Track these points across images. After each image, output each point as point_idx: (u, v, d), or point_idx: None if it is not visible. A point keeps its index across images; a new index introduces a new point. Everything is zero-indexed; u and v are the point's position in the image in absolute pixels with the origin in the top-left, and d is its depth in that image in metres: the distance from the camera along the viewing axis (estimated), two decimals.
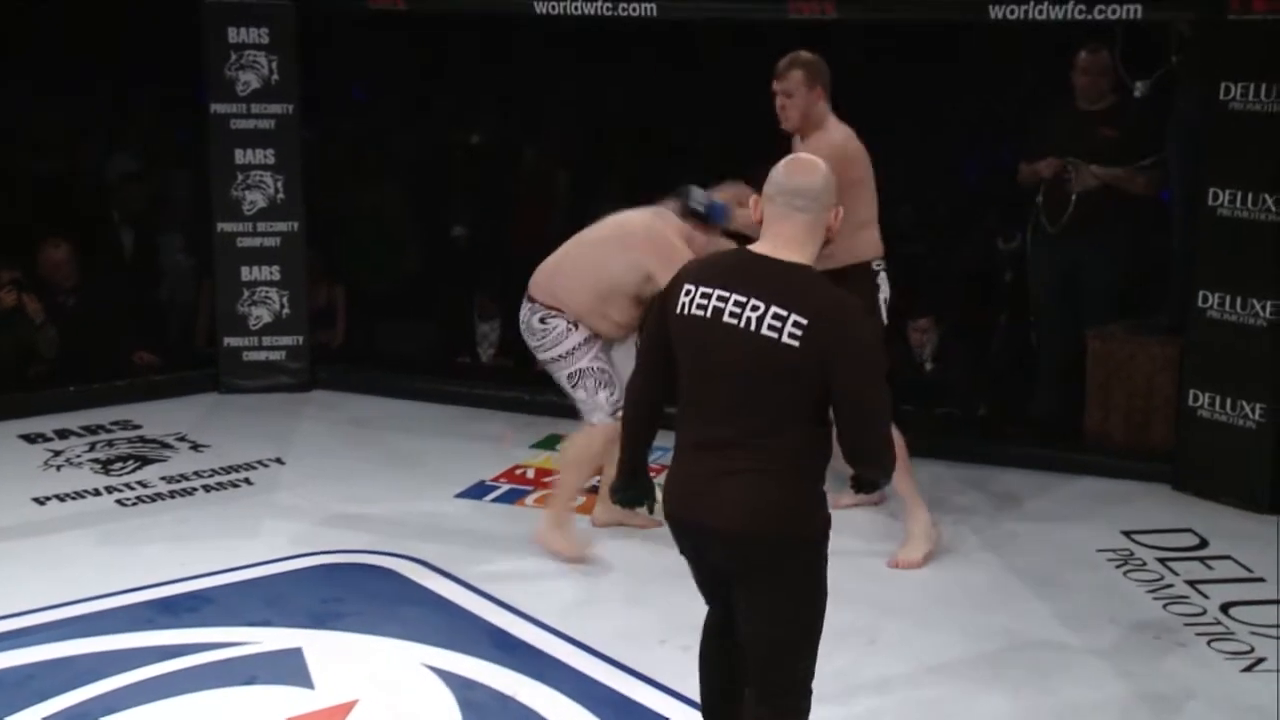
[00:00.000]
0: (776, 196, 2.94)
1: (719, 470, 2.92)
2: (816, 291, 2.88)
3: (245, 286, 6.87)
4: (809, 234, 2.93)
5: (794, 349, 2.81)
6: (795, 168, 2.97)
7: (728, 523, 2.90)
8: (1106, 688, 3.94)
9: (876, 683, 3.96)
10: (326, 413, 6.63)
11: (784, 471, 2.89)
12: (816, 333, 2.81)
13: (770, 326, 2.83)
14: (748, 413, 2.88)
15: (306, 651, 4.02)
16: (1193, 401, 5.57)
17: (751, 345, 2.84)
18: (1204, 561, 4.91)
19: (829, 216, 2.95)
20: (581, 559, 4.75)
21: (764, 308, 2.84)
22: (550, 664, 3.99)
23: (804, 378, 2.84)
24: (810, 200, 2.92)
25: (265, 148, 6.76)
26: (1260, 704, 3.85)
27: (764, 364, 2.84)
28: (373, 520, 5.13)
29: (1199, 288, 5.50)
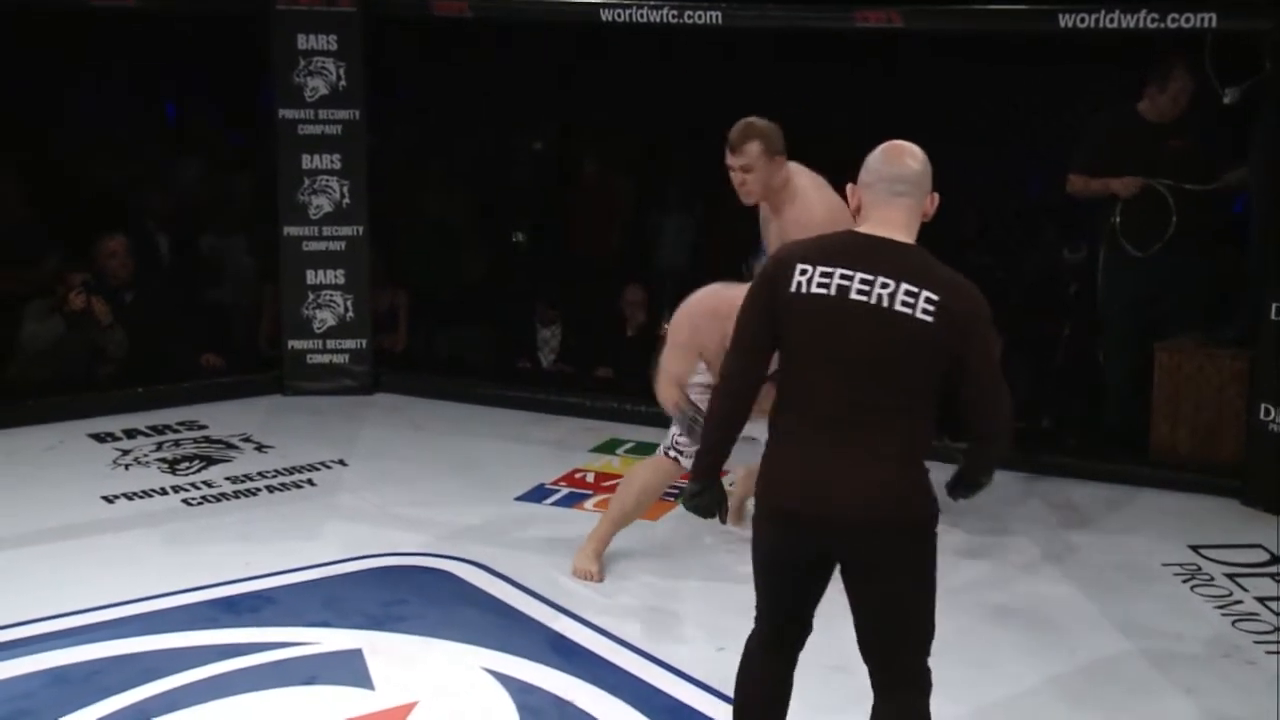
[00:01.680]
0: (876, 183, 2.92)
1: (835, 457, 2.86)
2: (939, 270, 2.86)
3: (310, 290, 6.93)
4: (910, 217, 2.92)
5: (928, 325, 2.79)
6: (893, 154, 2.95)
7: (851, 511, 2.85)
8: (1172, 704, 3.86)
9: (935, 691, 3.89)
10: (388, 416, 6.67)
11: (901, 457, 2.85)
12: (949, 309, 2.79)
13: (903, 303, 2.80)
14: (866, 395, 2.84)
15: (366, 653, 4.03)
16: (1263, 415, 5.46)
17: (885, 322, 2.80)
18: (1275, 578, 4.80)
19: (926, 201, 2.94)
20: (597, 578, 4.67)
21: (894, 284, 2.81)
22: (608, 669, 3.98)
23: (933, 356, 2.82)
24: (911, 185, 2.91)
25: (332, 153, 6.83)
26: None
27: (896, 341, 2.81)
28: (433, 523, 5.14)
29: (1270, 299, 5.39)
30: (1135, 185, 5.83)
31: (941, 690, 3.87)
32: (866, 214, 2.94)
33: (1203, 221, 5.83)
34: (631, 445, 6.21)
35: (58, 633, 4.13)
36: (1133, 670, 4.08)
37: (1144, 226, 5.85)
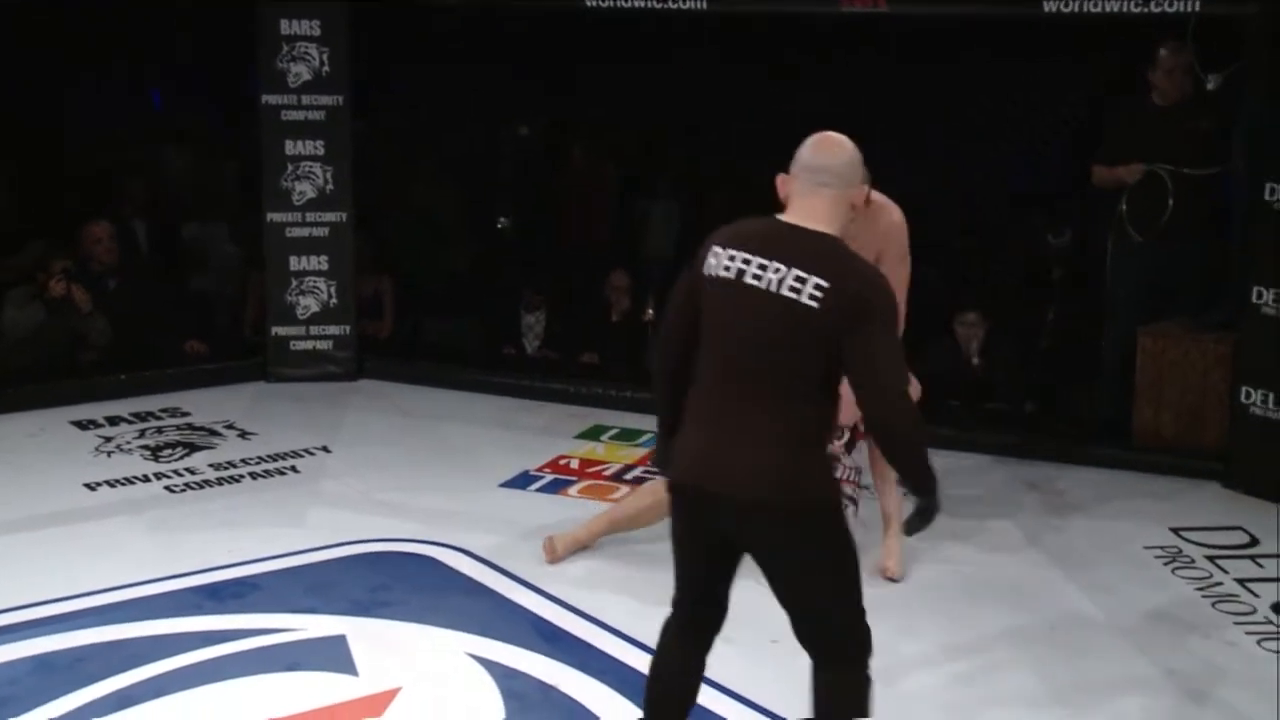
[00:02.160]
0: (801, 174, 2.99)
1: (727, 437, 2.93)
2: (839, 258, 2.91)
3: (294, 276, 6.92)
4: (833, 208, 2.97)
5: (812, 309, 2.85)
6: (820, 145, 3.01)
7: (739, 492, 2.90)
8: (1153, 685, 3.89)
9: (914, 670, 3.92)
10: (373, 402, 6.67)
11: (792, 439, 2.90)
12: (836, 295, 2.84)
13: (791, 288, 2.87)
14: (758, 378, 2.91)
15: (350, 639, 4.03)
16: (1245, 398, 5.49)
17: (772, 306, 2.88)
18: (1254, 560, 4.83)
19: (853, 194, 2.99)
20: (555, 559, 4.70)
21: (785, 270, 2.88)
22: (593, 654, 3.99)
23: (820, 341, 2.86)
24: (834, 176, 2.96)
25: (315, 139, 6.81)
26: None
27: (782, 325, 2.87)
28: (417, 509, 5.15)
29: (1253, 283, 5.41)
30: (1137, 171, 5.84)
31: (919, 667, 3.92)
32: (790, 202, 3.00)
33: (1203, 206, 5.83)
34: (616, 431, 6.22)
35: (41, 620, 4.12)
36: (1114, 651, 4.10)
37: (1148, 212, 5.85)
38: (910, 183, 7.43)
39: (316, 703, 3.66)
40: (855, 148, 3.01)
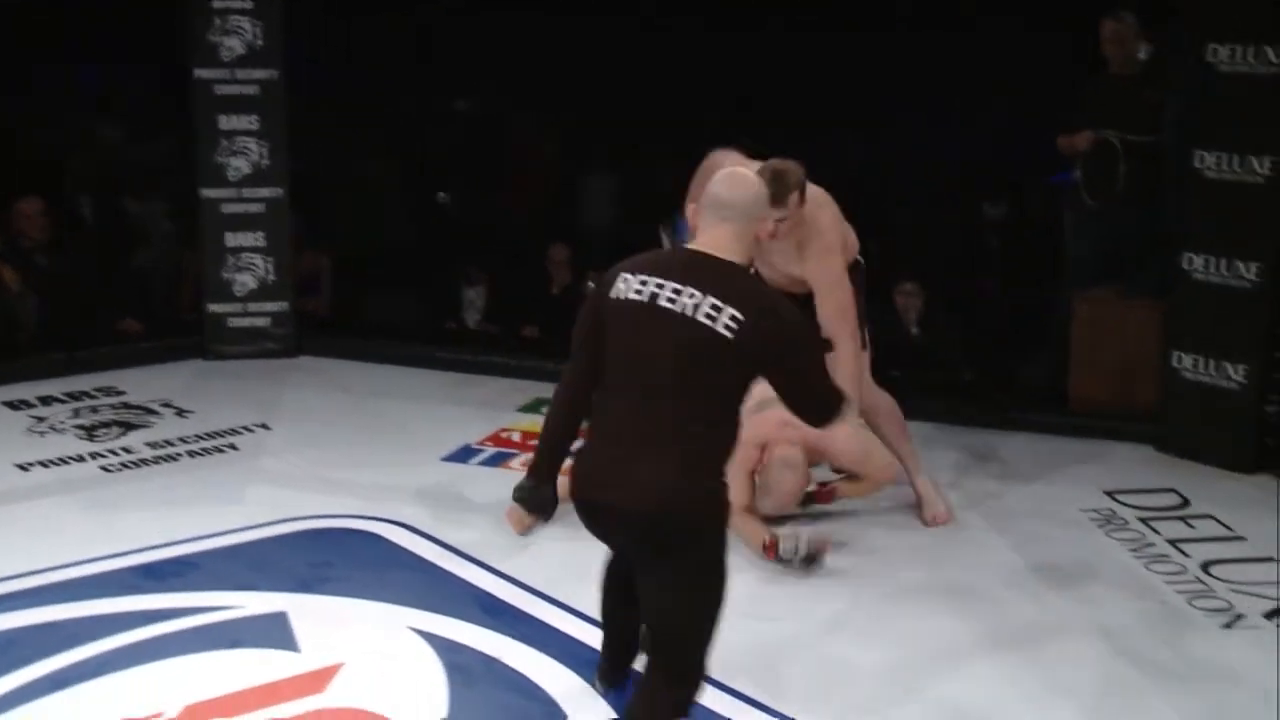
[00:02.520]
0: (707, 207, 3.11)
1: (630, 454, 3.00)
2: (751, 289, 3.05)
3: (230, 253, 6.84)
4: (736, 240, 3.07)
5: (728, 340, 2.94)
6: (726, 181, 3.12)
7: (635, 503, 2.98)
8: (1087, 645, 3.95)
9: (855, 637, 3.97)
10: (312, 379, 6.62)
11: (686, 459, 2.98)
12: (752, 328, 2.94)
13: (707, 315, 2.95)
14: (666, 398, 2.98)
15: (292, 616, 4.01)
16: (1176, 363, 5.57)
17: (685, 330, 2.95)
18: (1186, 521, 4.92)
19: (756, 226, 3.11)
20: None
21: (700, 296, 2.96)
22: (536, 627, 3.99)
23: (731, 369, 2.98)
24: (735, 212, 3.07)
25: (249, 113, 6.72)
26: (1239, 660, 3.86)
27: (694, 349, 2.95)
28: (358, 485, 5.11)
29: (1184, 249, 5.49)
30: (1088, 139, 5.90)
31: (856, 634, 3.96)
32: (698, 233, 3.14)
33: (1152, 174, 5.90)
34: None
35: None
36: (1049, 614, 4.17)
37: (1101, 179, 5.93)
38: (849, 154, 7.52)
39: (258, 680, 3.64)
40: (759, 183, 3.15)
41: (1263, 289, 5.28)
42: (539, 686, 3.65)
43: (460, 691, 3.61)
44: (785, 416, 4.08)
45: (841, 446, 4.53)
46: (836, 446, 4.53)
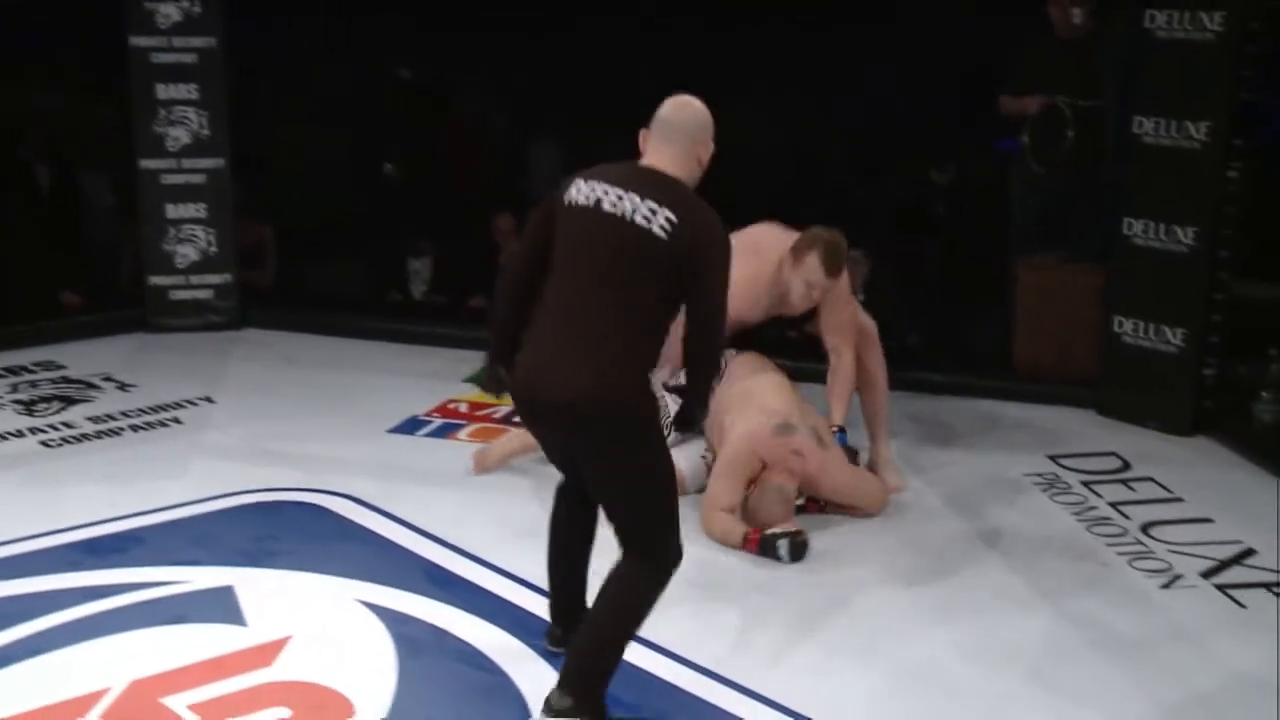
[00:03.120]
0: (655, 127, 3.34)
1: (564, 349, 3.20)
2: (688, 198, 3.25)
3: (171, 224, 6.75)
4: (677, 160, 3.30)
5: (662, 240, 3.16)
6: (674, 105, 3.36)
7: (567, 394, 3.18)
8: (1031, 607, 4.01)
9: (801, 605, 4.00)
10: (257, 351, 6.57)
11: (619, 354, 3.18)
12: (683, 230, 3.17)
13: (644, 217, 3.18)
14: (599, 297, 3.20)
15: (238, 589, 3.98)
16: (1117, 328, 5.64)
17: (624, 230, 3.18)
18: (1126, 484, 4.99)
19: (699, 150, 3.33)
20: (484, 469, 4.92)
21: (639, 201, 3.20)
22: (484, 597, 3.99)
23: (664, 269, 3.18)
24: (679, 134, 3.31)
25: (188, 82, 6.62)
26: (1178, 619, 3.93)
27: (629, 250, 3.18)
28: (305, 458, 5.09)
29: (1124, 215, 5.55)
30: (1037, 103, 5.93)
31: (802, 603, 3.99)
32: (646, 151, 3.33)
33: (1098, 139, 5.94)
34: None
35: None
36: (995, 576, 4.22)
37: (1046, 143, 5.96)
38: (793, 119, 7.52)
39: (204, 654, 3.62)
40: (704, 109, 3.35)
41: (1199, 253, 5.34)
42: (488, 657, 3.65)
43: (409, 663, 3.61)
44: (798, 444, 4.36)
45: (837, 485, 4.56)
46: (832, 485, 4.55)
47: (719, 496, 4.45)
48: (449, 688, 3.52)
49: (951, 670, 3.64)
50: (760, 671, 3.59)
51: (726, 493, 4.44)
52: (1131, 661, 3.69)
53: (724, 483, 4.46)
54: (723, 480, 4.46)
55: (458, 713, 3.42)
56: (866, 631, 3.84)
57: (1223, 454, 5.30)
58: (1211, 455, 5.29)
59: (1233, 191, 5.29)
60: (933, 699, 3.49)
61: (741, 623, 3.89)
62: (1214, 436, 5.42)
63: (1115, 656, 3.72)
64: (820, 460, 4.51)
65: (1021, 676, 3.61)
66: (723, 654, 3.69)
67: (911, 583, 4.16)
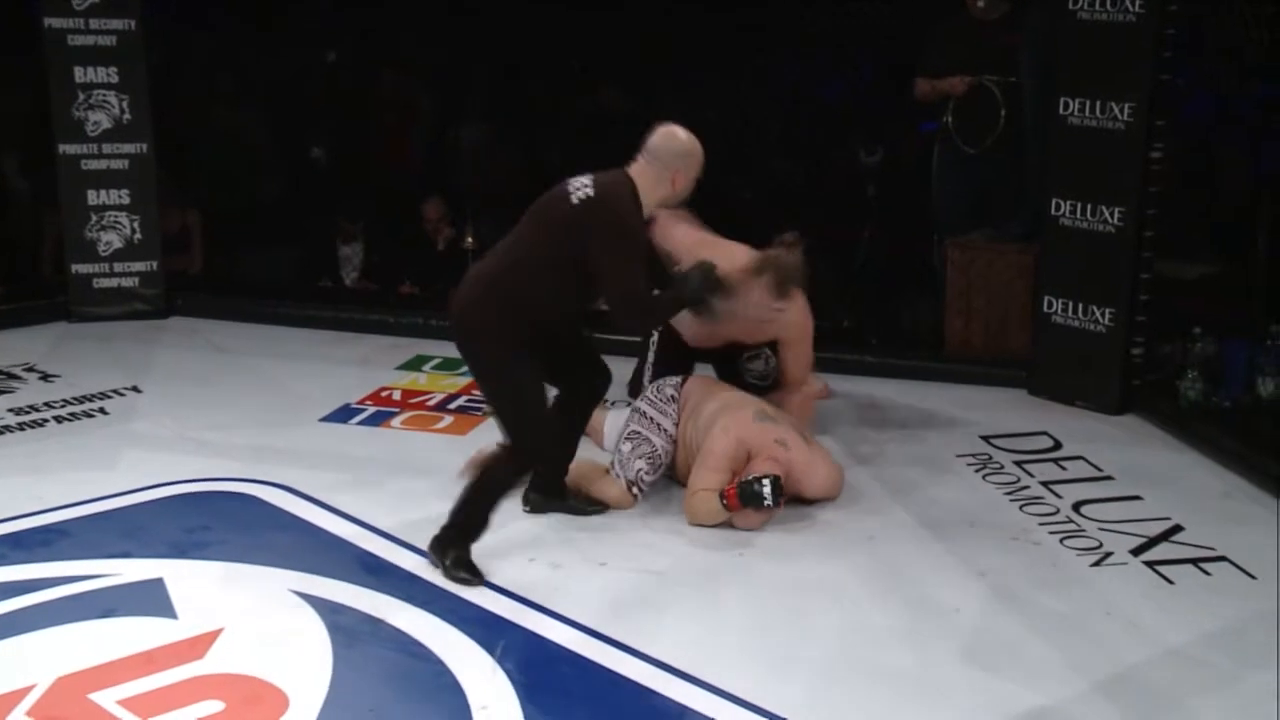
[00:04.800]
0: (643, 148, 4.04)
1: (469, 277, 4.10)
2: (614, 185, 3.95)
3: (93, 211, 6.63)
4: (644, 175, 4.00)
5: (572, 204, 3.92)
6: (660, 134, 4.04)
7: (452, 309, 4.05)
8: (965, 587, 4.05)
9: (737, 586, 4.02)
10: (184, 339, 6.49)
11: (503, 293, 3.95)
12: (591, 202, 3.90)
13: (575, 189, 3.97)
14: (511, 245, 4.05)
15: (168, 582, 3.93)
16: (1047, 308, 5.70)
17: (559, 200, 3.97)
18: (1058, 463, 5.06)
19: (673, 174, 4.00)
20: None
21: (582, 181, 3.99)
22: (419, 586, 3.97)
23: (566, 229, 3.92)
24: (649, 154, 4.02)
25: (107, 65, 6.49)
26: (1108, 596, 3.99)
27: (552, 212, 3.99)
28: (234, 447, 5.03)
29: (1052, 195, 5.61)
30: (964, 84, 5.97)
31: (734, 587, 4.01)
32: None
33: (1021, 119, 5.97)
34: (438, 361, 6.16)
35: None
36: (928, 557, 4.25)
37: (975, 124, 6.00)
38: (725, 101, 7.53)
39: (135, 647, 3.57)
40: (689, 142, 4.02)
41: (1126, 233, 5.42)
42: (424, 645, 3.63)
43: (344, 653, 3.58)
44: (780, 434, 4.48)
45: (818, 484, 4.56)
46: (814, 483, 4.54)
47: (701, 482, 4.42)
48: (385, 677, 3.50)
49: (884, 654, 3.67)
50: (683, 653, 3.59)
51: (710, 480, 4.40)
52: (1065, 639, 3.74)
53: (708, 473, 4.42)
54: (706, 471, 4.42)
55: (395, 702, 3.39)
56: (795, 617, 3.86)
57: (1151, 432, 5.38)
58: (1140, 434, 5.38)
59: (1156, 172, 5.36)
60: (865, 683, 3.51)
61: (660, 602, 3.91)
62: (1142, 415, 5.50)
63: (1049, 634, 3.76)
64: (807, 457, 4.51)
65: (956, 657, 3.64)
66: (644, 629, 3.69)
67: (843, 565, 4.18)
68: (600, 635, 3.68)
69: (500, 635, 3.69)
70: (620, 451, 4.60)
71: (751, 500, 4.26)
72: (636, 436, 4.60)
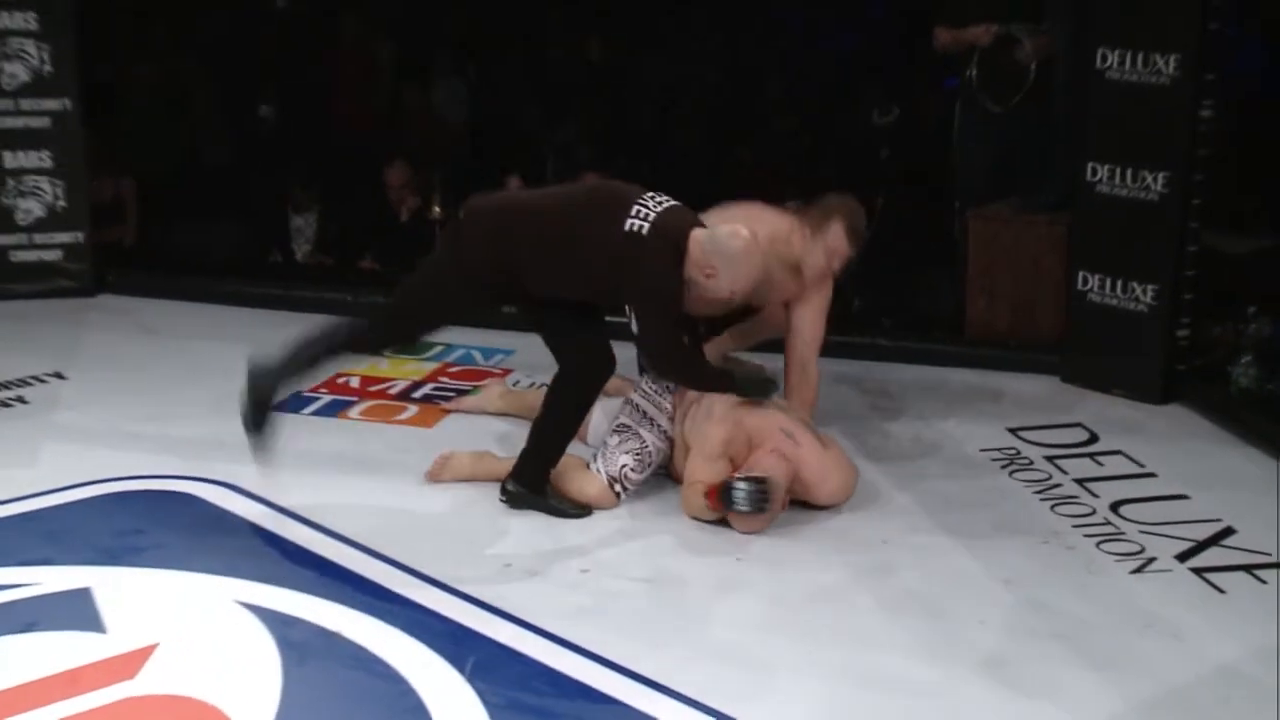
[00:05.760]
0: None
1: (494, 210, 4.46)
2: (671, 229, 4.21)
3: (9, 175, 6.62)
4: (695, 249, 4.21)
5: (623, 234, 4.19)
6: (726, 232, 4.25)
7: (467, 214, 4.43)
8: (989, 597, 4.04)
9: (733, 596, 4.01)
10: (116, 320, 6.48)
11: (505, 258, 4.30)
12: (637, 240, 4.18)
13: (633, 212, 4.25)
14: (547, 227, 4.35)
15: (96, 592, 3.92)
16: (1081, 285, 5.70)
17: (612, 212, 4.27)
18: (1094, 458, 5.06)
19: (702, 270, 4.20)
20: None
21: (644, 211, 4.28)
22: (381, 595, 3.96)
23: (603, 251, 4.22)
24: (701, 247, 4.22)
25: (24, 10, 6.47)
26: (1150, 607, 3.98)
27: (596, 223, 4.26)
28: (173, 440, 5.02)
29: (1087, 159, 5.59)
30: (990, 33, 5.96)
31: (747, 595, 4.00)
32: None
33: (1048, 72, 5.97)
34: None
35: None
36: (950, 564, 4.25)
37: (1002, 79, 5.99)
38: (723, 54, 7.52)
39: (59, 666, 3.54)
40: (739, 247, 4.18)
41: (1171, 201, 5.40)
42: (385, 662, 3.61)
43: (295, 670, 3.56)
44: (785, 423, 4.49)
45: (831, 489, 4.53)
46: (826, 489, 4.51)
47: (697, 472, 4.43)
48: (341, 697, 3.48)
49: (903, 668, 3.66)
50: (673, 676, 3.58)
51: (704, 471, 4.41)
52: (1100, 654, 3.73)
53: (703, 462, 4.43)
54: (702, 459, 4.43)
55: None
56: (800, 633, 3.84)
57: (1198, 424, 5.39)
58: (1186, 425, 5.38)
59: (1205, 132, 5.35)
60: (877, 705, 3.50)
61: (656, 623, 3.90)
62: (1188, 405, 5.51)
63: (1082, 649, 3.76)
64: (818, 457, 4.48)
65: (979, 675, 3.63)
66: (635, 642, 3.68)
67: (853, 574, 4.18)
68: (582, 650, 3.67)
69: (471, 650, 3.68)
70: (605, 444, 4.58)
71: (728, 502, 4.25)
72: (625, 430, 4.58)
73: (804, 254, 4.74)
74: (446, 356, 6.07)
